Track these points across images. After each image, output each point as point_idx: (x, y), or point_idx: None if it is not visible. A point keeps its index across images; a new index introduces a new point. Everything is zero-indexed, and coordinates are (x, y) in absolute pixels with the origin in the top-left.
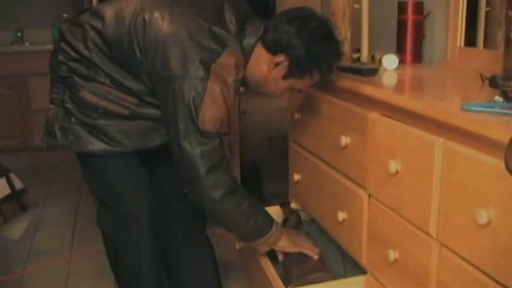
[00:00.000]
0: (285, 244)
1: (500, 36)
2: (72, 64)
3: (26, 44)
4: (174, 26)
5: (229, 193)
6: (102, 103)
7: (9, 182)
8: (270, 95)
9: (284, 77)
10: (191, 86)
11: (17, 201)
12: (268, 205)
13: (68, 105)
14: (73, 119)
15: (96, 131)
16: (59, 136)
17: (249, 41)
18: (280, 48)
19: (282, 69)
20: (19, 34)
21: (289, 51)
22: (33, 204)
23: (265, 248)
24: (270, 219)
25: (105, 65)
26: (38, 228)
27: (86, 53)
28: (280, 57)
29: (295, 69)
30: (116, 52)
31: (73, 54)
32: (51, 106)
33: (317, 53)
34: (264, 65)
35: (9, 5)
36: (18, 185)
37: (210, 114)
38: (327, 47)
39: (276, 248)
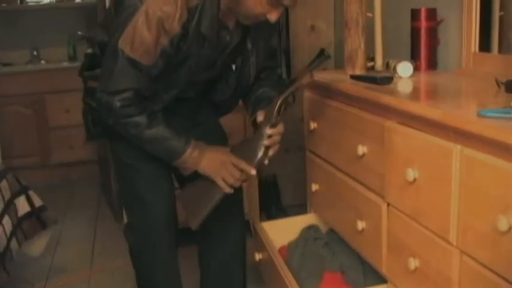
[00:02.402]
0: (208, 168)
1: None
2: (84, 60)
3: (42, 62)
4: None
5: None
6: None
7: (29, 200)
8: (255, 20)
9: None
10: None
11: (36, 219)
12: (288, 216)
13: (88, 100)
14: (95, 112)
15: None
16: (92, 130)
17: None
18: None
19: None
20: (35, 53)
21: None
22: (52, 221)
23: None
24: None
25: (100, 33)
26: (58, 244)
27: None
28: None
29: None
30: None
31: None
32: (82, 107)
33: None
34: None
35: (25, 24)
36: (38, 202)
37: (137, 33)
38: None
39: (202, 173)
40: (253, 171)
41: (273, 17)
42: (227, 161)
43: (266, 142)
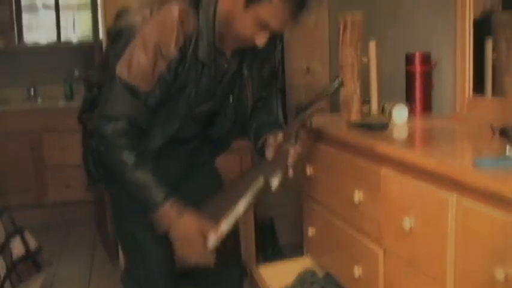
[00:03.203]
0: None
1: (508, 83)
2: (83, 105)
3: (39, 100)
4: None
5: (120, 134)
6: None
7: (24, 241)
8: (243, 43)
9: (245, 6)
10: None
11: (32, 261)
12: (285, 257)
13: (87, 143)
14: (96, 153)
15: None
16: (94, 173)
17: None
18: None
19: None
20: (32, 90)
21: None
22: (47, 263)
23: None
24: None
25: (97, 74)
26: (52, 286)
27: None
28: None
29: None
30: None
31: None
32: (82, 152)
33: None
34: (228, 0)
35: (23, 63)
36: (33, 243)
37: (134, 58)
38: None
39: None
40: (212, 261)
41: (260, 40)
42: (198, 239)
43: (289, 160)
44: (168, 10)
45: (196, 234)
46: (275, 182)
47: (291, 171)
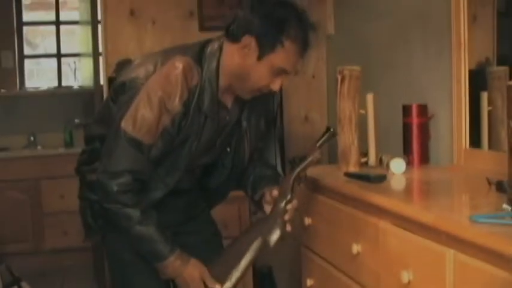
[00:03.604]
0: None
1: (503, 135)
2: (82, 157)
3: (39, 147)
4: None
5: (124, 192)
6: None
7: None
8: (260, 94)
9: (259, 58)
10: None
11: None
12: None
13: (86, 194)
14: (95, 205)
15: None
16: (93, 225)
17: (213, 45)
18: (242, 31)
19: (254, 51)
20: (32, 138)
21: (250, 29)
22: None
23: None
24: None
25: (97, 127)
26: None
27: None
28: (246, 39)
29: (263, 44)
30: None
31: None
32: (79, 204)
33: (275, 18)
34: (235, 56)
35: (23, 110)
36: None
37: (139, 112)
38: (283, 11)
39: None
40: None
41: (276, 86)
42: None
43: (286, 217)
44: (172, 65)
45: (200, 284)
46: (273, 239)
47: (289, 227)
